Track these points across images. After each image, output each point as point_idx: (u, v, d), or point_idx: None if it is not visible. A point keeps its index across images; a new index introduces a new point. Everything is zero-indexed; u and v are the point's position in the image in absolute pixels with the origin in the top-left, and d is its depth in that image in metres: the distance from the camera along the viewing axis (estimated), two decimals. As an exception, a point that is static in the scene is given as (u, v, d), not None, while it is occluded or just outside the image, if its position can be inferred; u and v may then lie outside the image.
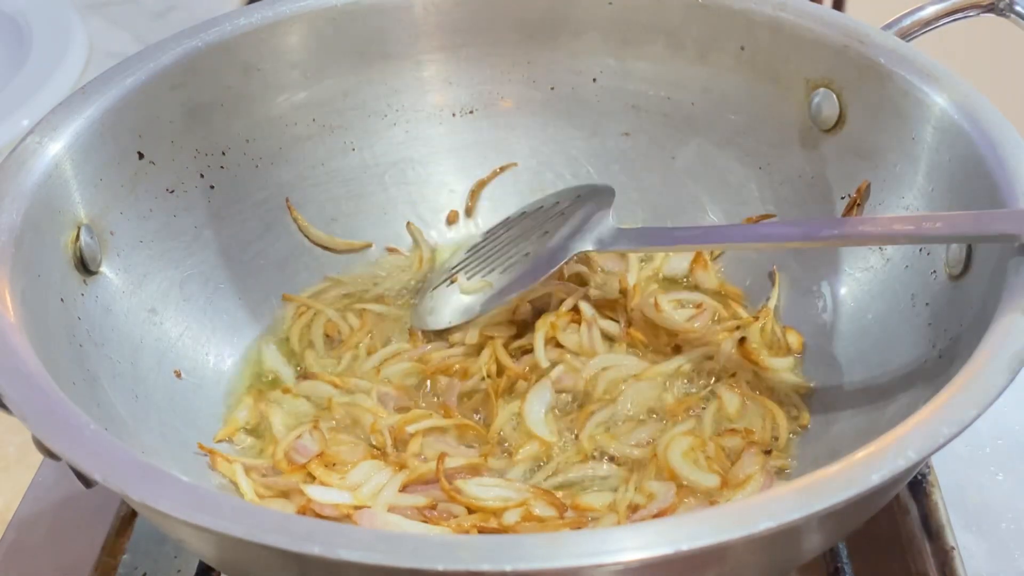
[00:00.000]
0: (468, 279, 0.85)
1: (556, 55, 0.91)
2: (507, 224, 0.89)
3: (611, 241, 0.81)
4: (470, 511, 0.70)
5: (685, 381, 0.80)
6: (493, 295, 0.83)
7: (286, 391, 0.80)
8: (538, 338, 0.81)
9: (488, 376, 0.80)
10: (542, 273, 0.82)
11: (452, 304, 0.85)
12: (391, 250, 0.92)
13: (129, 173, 0.78)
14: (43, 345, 0.62)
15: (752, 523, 0.48)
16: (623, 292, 0.85)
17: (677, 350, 0.82)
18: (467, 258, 0.88)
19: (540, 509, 0.70)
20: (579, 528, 0.69)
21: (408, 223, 0.93)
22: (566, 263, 0.82)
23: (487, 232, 0.90)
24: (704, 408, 0.78)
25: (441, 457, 0.72)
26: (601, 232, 0.82)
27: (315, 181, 0.90)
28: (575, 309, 0.84)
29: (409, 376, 0.82)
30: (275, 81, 0.86)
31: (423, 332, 0.85)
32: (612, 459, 0.75)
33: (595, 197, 0.85)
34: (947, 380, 0.55)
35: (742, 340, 0.79)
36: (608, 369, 0.80)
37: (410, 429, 0.75)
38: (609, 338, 0.83)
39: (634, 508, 0.71)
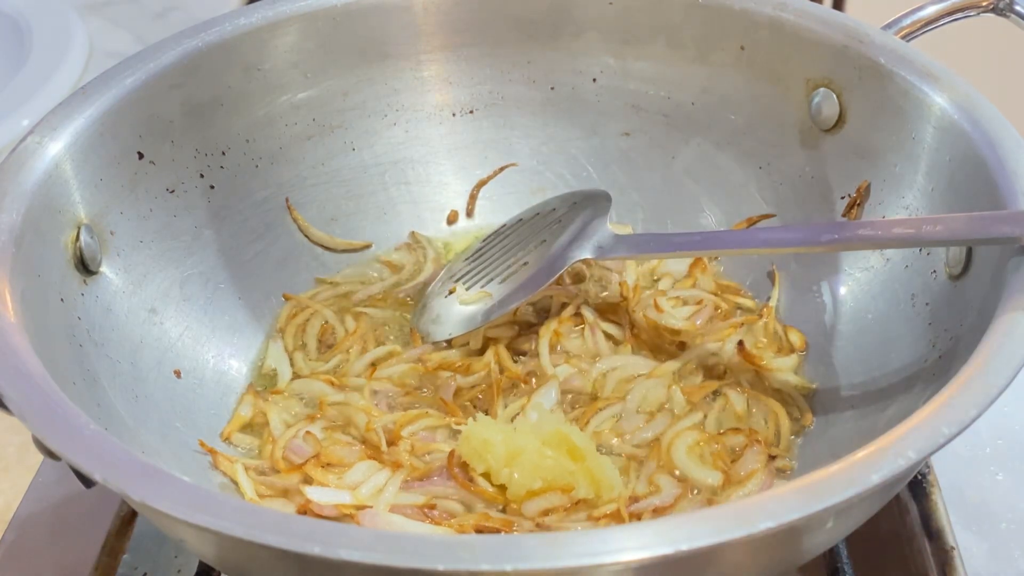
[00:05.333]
0: (467, 290, 0.85)
1: (556, 55, 0.91)
2: (504, 232, 0.89)
3: (609, 248, 0.81)
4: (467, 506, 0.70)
5: (692, 377, 0.80)
6: (494, 305, 0.83)
7: (275, 392, 0.81)
8: (543, 344, 0.81)
9: (491, 376, 0.80)
10: (542, 282, 0.82)
11: (454, 315, 0.84)
12: (401, 247, 0.92)
13: (129, 173, 0.78)
14: (43, 345, 0.62)
15: (752, 523, 0.48)
16: (624, 296, 0.85)
17: (682, 347, 0.82)
18: (465, 267, 0.87)
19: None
20: (569, 492, 0.70)
21: (412, 232, 0.93)
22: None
23: (484, 240, 0.89)
24: (712, 402, 0.78)
25: (452, 453, 0.73)
26: (599, 239, 0.82)
27: (315, 181, 0.90)
28: (577, 314, 0.84)
29: (409, 376, 0.81)
30: (275, 81, 0.86)
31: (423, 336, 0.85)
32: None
33: (592, 203, 0.85)
34: (947, 380, 0.55)
35: (740, 344, 0.79)
36: (615, 370, 0.80)
37: (405, 432, 0.75)
38: (613, 340, 0.83)
39: (634, 499, 0.71)
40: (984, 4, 0.80)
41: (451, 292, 0.86)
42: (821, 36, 0.81)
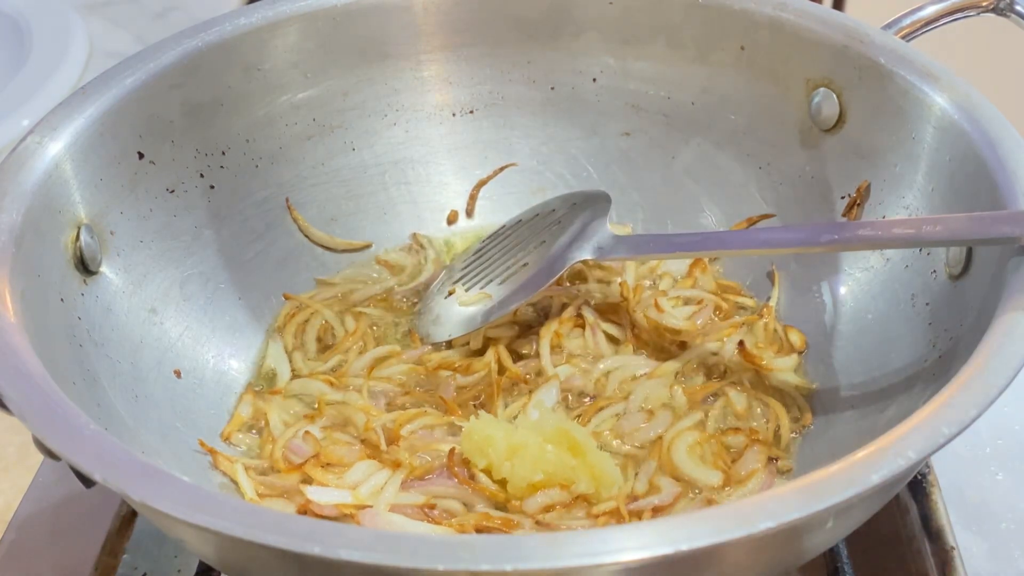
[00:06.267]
0: (467, 291, 0.85)
1: (556, 55, 0.91)
2: (504, 233, 0.88)
3: (609, 249, 0.81)
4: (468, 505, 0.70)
5: (693, 376, 0.80)
6: (494, 306, 0.83)
7: (274, 392, 0.81)
8: (543, 345, 0.81)
9: (491, 375, 0.80)
10: (542, 283, 0.81)
11: (454, 316, 0.84)
12: (401, 248, 0.92)
13: (129, 173, 0.78)
14: (43, 345, 0.62)
15: (752, 523, 0.48)
16: (624, 296, 0.85)
17: (682, 347, 0.82)
18: (465, 268, 0.87)
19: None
20: (569, 487, 0.70)
21: (414, 234, 0.93)
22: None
23: (484, 240, 0.89)
24: (712, 402, 0.78)
25: (452, 450, 0.73)
26: (599, 240, 0.81)
27: (315, 181, 0.90)
28: (577, 314, 0.84)
29: (408, 376, 0.81)
30: (275, 81, 0.86)
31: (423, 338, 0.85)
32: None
33: (591, 204, 0.85)
34: (947, 380, 0.55)
35: (741, 344, 0.79)
36: (616, 370, 0.80)
37: (404, 431, 0.75)
38: (613, 341, 0.83)
39: (633, 498, 0.71)
40: (984, 4, 0.80)
41: (451, 293, 0.86)
42: (821, 36, 0.81)
